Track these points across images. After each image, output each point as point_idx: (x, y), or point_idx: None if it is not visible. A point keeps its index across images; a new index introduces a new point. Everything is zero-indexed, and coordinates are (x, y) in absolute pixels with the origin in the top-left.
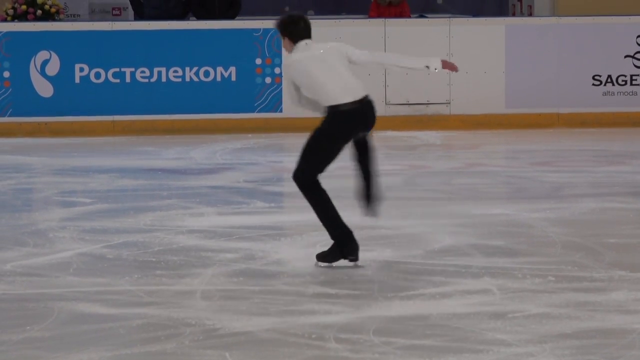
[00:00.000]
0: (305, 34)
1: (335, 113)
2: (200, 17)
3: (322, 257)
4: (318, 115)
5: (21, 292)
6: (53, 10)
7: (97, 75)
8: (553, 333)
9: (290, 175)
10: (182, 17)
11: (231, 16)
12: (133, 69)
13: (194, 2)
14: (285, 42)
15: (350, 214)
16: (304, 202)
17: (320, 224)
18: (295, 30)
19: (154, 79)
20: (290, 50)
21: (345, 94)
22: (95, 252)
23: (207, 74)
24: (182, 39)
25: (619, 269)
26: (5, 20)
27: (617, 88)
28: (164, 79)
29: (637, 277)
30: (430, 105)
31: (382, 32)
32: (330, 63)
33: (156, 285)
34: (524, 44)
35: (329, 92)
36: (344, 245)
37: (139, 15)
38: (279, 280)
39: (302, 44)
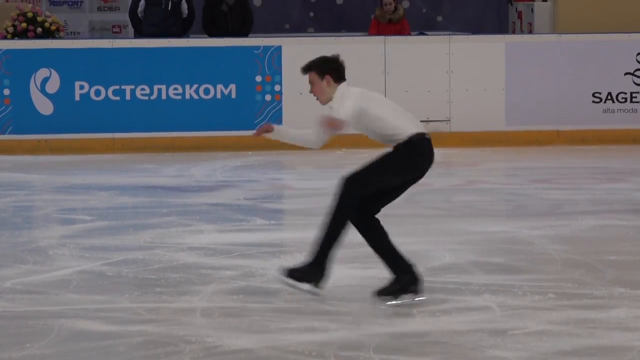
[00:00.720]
0: (345, 75)
1: (413, 144)
2: (212, 35)
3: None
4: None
5: (21, 310)
6: (53, 27)
7: (97, 93)
8: (553, 350)
9: (291, 192)
10: (181, 34)
11: (244, 33)
12: (133, 87)
13: (206, 19)
14: (322, 83)
15: (348, 231)
16: (303, 220)
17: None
18: (340, 69)
19: (154, 97)
20: (327, 92)
21: (416, 126)
22: (95, 270)
23: (207, 91)
24: (182, 56)
25: (619, 286)
26: (5, 37)
27: (617, 105)
28: (164, 97)
29: (637, 295)
30: (430, 123)
31: (382, 49)
32: (387, 100)
33: (156, 302)
34: (524, 62)
35: (403, 126)
36: (319, 267)
37: (138, 33)
38: (279, 298)
39: (344, 84)
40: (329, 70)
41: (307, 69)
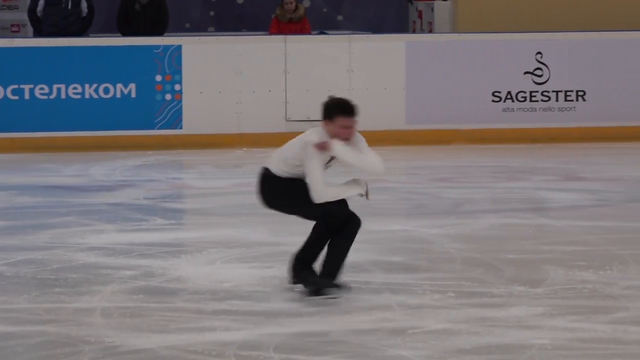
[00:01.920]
0: None
1: None
2: (125, 34)
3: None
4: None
5: None
6: None
7: None
8: (453, 349)
9: (191, 191)
10: (80, 33)
11: (158, 32)
12: (32, 86)
13: (120, 18)
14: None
15: (248, 231)
16: (203, 219)
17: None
18: None
19: (53, 96)
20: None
21: None
22: None
23: (107, 90)
24: (82, 55)
25: (518, 285)
26: None
27: (516, 104)
28: (63, 96)
29: (536, 293)
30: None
31: (283, 48)
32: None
33: (55, 302)
34: (424, 61)
35: None
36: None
37: (38, 32)
38: (179, 298)
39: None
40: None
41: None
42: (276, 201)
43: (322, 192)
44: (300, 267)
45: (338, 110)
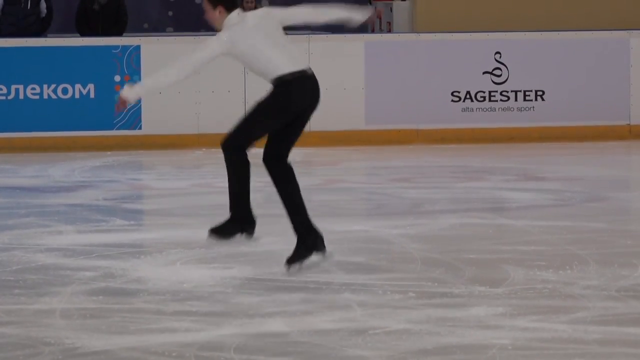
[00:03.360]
0: (238, 3)
1: (284, 83)
2: (84, 34)
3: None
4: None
5: None
6: None
7: None
8: (413, 349)
9: (151, 192)
10: (40, 33)
11: (117, 33)
12: None
13: (78, 20)
14: (214, 13)
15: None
16: (163, 220)
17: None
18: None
19: (11, 96)
20: (219, 22)
21: (292, 63)
22: None
23: (65, 91)
24: (40, 55)
25: (479, 285)
26: None
27: (475, 104)
28: (21, 96)
29: (497, 293)
30: None
31: None
32: (271, 33)
33: (14, 304)
34: (383, 61)
35: (276, 63)
36: (236, 225)
37: None
38: (139, 299)
39: (235, 14)
40: (220, 1)
41: None
42: None
43: None
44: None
45: None
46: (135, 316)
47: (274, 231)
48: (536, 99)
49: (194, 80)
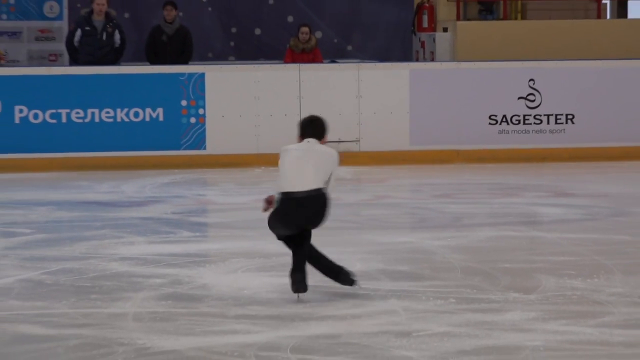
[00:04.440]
0: (309, 134)
1: (278, 201)
2: (153, 63)
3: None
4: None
5: None
6: None
7: (36, 116)
8: (453, 350)
9: (214, 207)
10: (114, 62)
11: (184, 61)
12: (69, 110)
13: (148, 50)
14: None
15: (266, 242)
16: (225, 232)
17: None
18: (300, 128)
19: (87, 120)
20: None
21: (289, 184)
22: (35, 278)
23: (136, 114)
24: (114, 82)
25: (513, 292)
26: None
27: (511, 127)
28: (97, 119)
29: (530, 299)
30: (341, 143)
31: (297, 76)
32: (306, 156)
33: (91, 308)
34: (426, 87)
35: (282, 179)
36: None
37: (74, 61)
38: (204, 303)
39: (305, 141)
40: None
41: None
42: (326, 217)
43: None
44: (303, 276)
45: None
46: (200, 319)
47: (329, 242)
48: (566, 122)
49: (254, 105)
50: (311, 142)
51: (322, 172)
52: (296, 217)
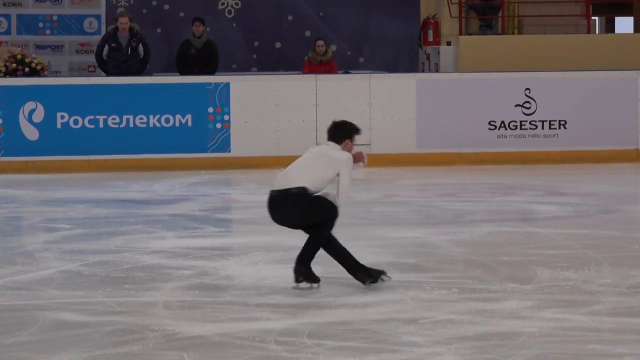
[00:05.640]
0: (330, 137)
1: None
2: (183, 73)
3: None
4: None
5: (11, 304)
6: (39, 67)
7: (76, 122)
8: (456, 336)
9: (238, 204)
10: (139, 72)
11: (210, 72)
12: (105, 117)
13: (178, 62)
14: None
15: (285, 237)
16: (248, 227)
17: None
18: (328, 132)
19: (123, 125)
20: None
21: (277, 184)
22: (74, 270)
23: (167, 120)
24: (147, 91)
25: (511, 282)
26: None
27: (509, 132)
28: (131, 125)
29: (526, 289)
30: (353, 146)
31: (314, 85)
32: (312, 158)
33: (125, 297)
34: (431, 95)
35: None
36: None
37: (104, 72)
38: (228, 293)
39: (325, 144)
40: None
41: None
42: (313, 215)
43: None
44: (305, 267)
45: (356, 131)
46: (225, 307)
47: (341, 237)
48: (559, 128)
49: (274, 112)
50: (330, 145)
51: (318, 173)
52: (272, 214)
